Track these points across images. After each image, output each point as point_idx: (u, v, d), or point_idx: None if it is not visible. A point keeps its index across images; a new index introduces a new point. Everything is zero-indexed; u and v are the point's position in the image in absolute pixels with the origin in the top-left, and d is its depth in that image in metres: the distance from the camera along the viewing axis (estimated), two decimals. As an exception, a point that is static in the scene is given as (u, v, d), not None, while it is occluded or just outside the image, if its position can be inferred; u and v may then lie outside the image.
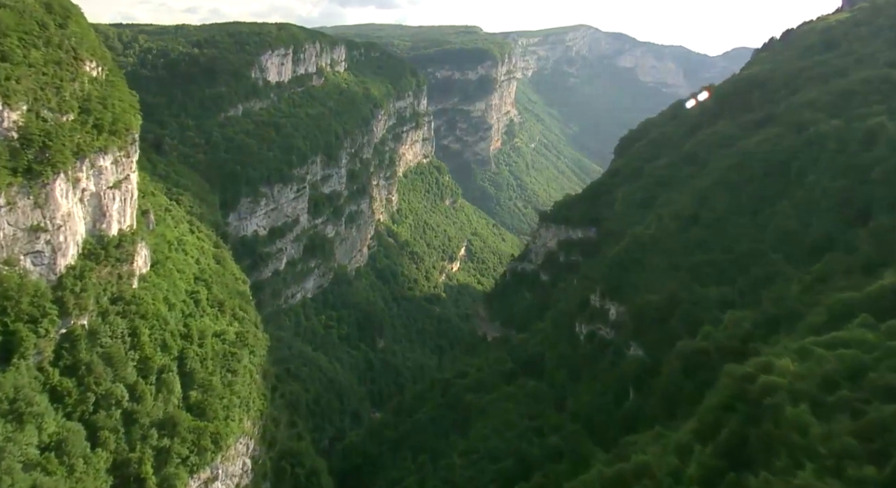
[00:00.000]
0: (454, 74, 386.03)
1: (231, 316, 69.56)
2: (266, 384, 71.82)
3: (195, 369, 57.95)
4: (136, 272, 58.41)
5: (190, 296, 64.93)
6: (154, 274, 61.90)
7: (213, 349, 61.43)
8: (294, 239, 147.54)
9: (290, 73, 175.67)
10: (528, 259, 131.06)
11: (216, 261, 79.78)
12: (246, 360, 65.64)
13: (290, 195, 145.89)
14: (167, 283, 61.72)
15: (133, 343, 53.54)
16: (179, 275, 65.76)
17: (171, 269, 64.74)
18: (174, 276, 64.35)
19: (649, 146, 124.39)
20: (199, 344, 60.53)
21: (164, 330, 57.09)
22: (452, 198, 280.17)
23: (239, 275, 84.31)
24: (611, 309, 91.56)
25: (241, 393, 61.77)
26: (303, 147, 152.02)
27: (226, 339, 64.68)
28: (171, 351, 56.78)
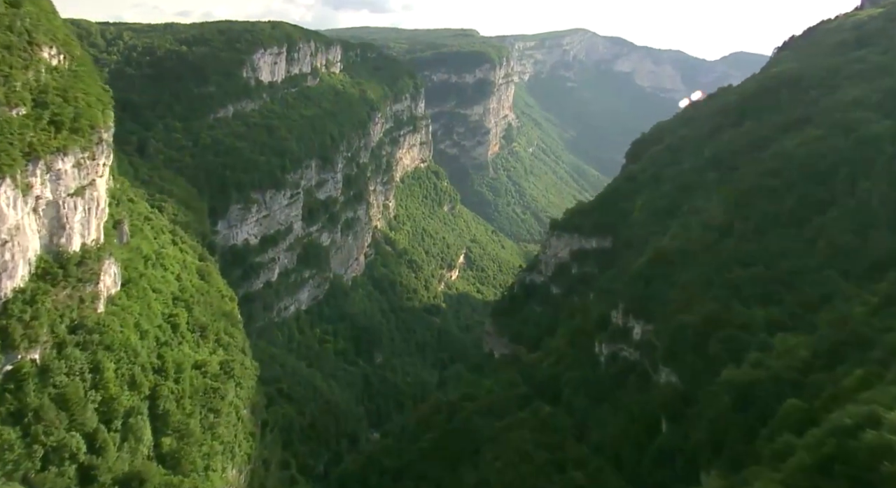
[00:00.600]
0: (451, 78, 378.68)
1: (215, 341, 61.11)
2: (255, 419, 63.31)
3: (170, 410, 49.46)
4: (102, 294, 50.01)
5: (167, 320, 56.48)
6: (125, 295, 53.46)
7: (191, 384, 53.00)
8: (287, 247, 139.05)
9: (284, 73, 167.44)
10: (538, 270, 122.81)
11: (200, 276, 71.34)
12: (231, 395, 57.23)
13: (284, 201, 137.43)
14: (140, 306, 53.28)
15: (95, 381, 45.11)
16: (155, 295, 57.32)
17: (145, 289, 56.30)
18: (149, 297, 55.89)
19: (667, 150, 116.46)
20: (176, 379, 52.02)
21: (133, 363, 48.61)
22: (451, 204, 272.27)
23: (226, 292, 75.77)
24: (635, 327, 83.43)
25: (224, 437, 53.36)
26: (297, 150, 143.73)
27: (208, 372, 56.20)
28: (141, 388, 48.30)
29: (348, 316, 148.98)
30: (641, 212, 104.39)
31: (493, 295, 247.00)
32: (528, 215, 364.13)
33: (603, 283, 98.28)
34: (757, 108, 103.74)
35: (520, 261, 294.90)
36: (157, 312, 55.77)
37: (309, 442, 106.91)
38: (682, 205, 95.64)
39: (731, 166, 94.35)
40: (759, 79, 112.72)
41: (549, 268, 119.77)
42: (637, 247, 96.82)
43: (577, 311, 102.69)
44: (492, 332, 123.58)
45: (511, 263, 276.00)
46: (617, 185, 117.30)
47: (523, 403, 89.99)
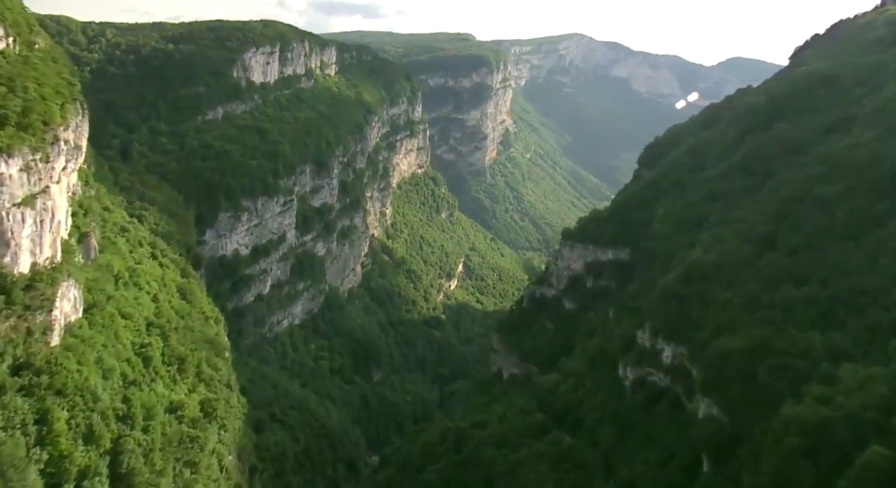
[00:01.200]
0: (448, 82, 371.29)
1: (195, 376, 52.57)
2: (243, 466, 54.70)
3: (135, 468, 40.62)
4: (56, 324, 41.59)
5: (138, 351, 47.99)
6: (87, 323, 44.98)
7: (164, 433, 44.39)
8: (280, 258, 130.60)
9: (277, 74, 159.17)
10: (549, 283, 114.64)
11: (181, 295, 62.93)
12: (213, 442, 48.71)
13: (276, 209, 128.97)
14: (105, 336, 44.81)
15: (41, 434, 36.53)
16: (125, 322, 48.88)
17: (113, 315, 47.84)
18: (116, 325, 47.41)
19: (688, 155, 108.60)
20: (145, 427, 43.33)
21: (91, 410, 39.93)
22: (449, 211, 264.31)
23: (210, 313, 67.25)
24: (665, 350, 75.21)
25: (203, 497, 44.74)
26: (290, 155, 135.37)
27: (184, 416, 47.55)
28: (100, 442, 39.64)
29: (345, 330, 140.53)
30: (664, 221, 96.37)
31: (493, 305, 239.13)
32: (527, 222, 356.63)
33: (624, 299, 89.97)
34: (789, 108, 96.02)
35: (520, 270, 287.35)
36: (126, 343, 47.22)
37: (303, 471, 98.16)
38: (711, 214, 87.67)
39: (765, 172, 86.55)
40: (790, 78, 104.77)
41: (562, 281, 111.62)
42: (661, 260, 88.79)
43: (596, 329, 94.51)
44: (500, 350, 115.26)
45: (511, 272, 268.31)
46: (634, 192, 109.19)
47: (540, 433, 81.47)
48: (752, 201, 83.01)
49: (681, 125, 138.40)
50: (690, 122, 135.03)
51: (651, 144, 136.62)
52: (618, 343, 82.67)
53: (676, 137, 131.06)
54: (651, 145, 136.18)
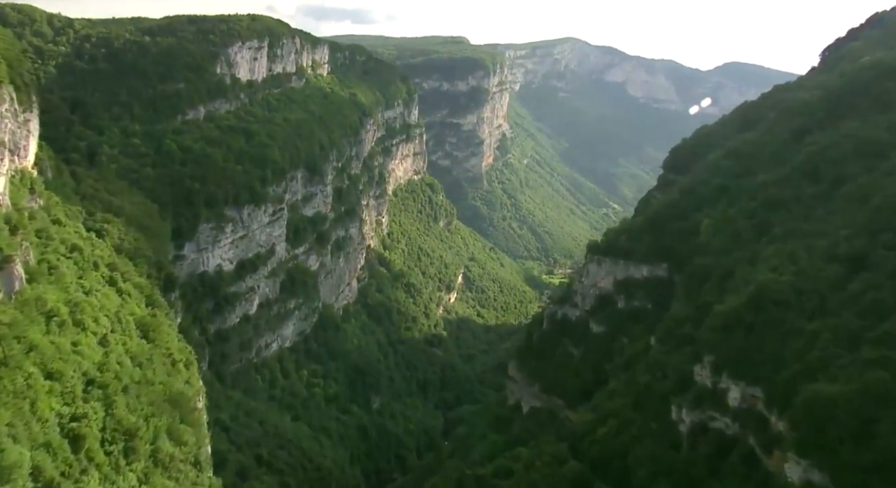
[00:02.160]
0: (443, 85, 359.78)
1: (148, 458, 38.86)
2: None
3: None
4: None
5: (65, 429, 34.38)
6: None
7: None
8: (269, 274, 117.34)
9: (265, 71, 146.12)
10: (572, 302, 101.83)
11: (143, 332, 49.63)
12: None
13: (264, 219, 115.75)
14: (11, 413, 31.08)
15: None
16: (50, 384, 35.44)
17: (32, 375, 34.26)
18: (36, 390, 33.70)
19: (732, 158, 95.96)
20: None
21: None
22: (447, 219, 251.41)
23: (180, 354, 53.70)
24: (731, 390, 62.54)
25: None
26: (280, 160, 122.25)
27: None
28: None
29: (340, 353, 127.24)
30: (713, 233, 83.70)
31: (494, 319, 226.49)
32: (526, 230, 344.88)
33: (669, 325, 77.00)
34: (854, 105, 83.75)
35: (521, 281, 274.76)
36: (48, 418, 33.73)
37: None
38: (774, 225, 75.13)
39: (836, 177, 74.18)
40: (855, 71, 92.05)
41: (588, 301, 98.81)
42: (714, 279, 76.11)
43: (635, 360, 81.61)
44: (517, 378, 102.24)
45: (512, 284, 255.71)
46: (670, 201, 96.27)
47: (578, 486, 68.70)
48: (826, 211, 70.64)
49: (710, 126, 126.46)
50: (722, 123, 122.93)
51: (678, 147, 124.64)
52: (669, 378, 69.98)
53: (707, 139, 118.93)
54: (678, 148, 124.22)
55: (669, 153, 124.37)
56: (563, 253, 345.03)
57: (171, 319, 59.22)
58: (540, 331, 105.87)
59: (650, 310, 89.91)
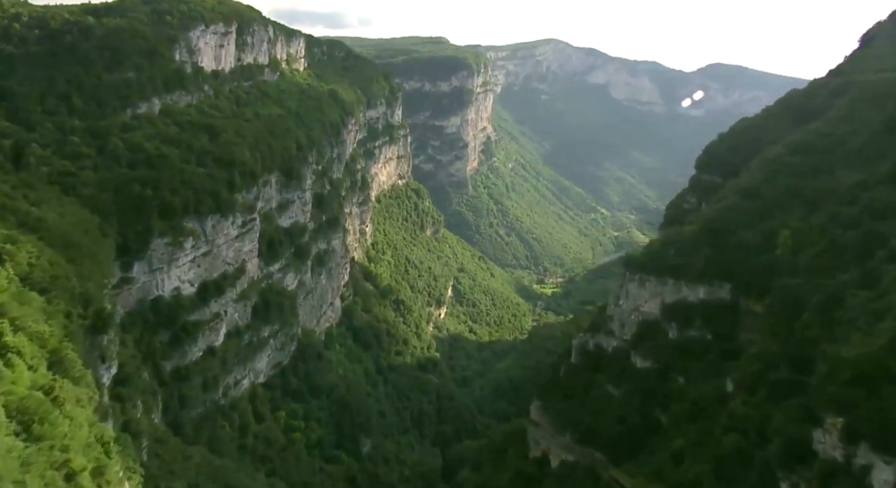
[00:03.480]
0: (425, 86, 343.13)
1: None
2: None
3: None
4: None
5: None
6: None
7: None
8: (238, 296, 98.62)
9: (234, 60, 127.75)
10: (608, 329, 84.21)
11: (23, 426, 30.71)
12: None
13: (232, 231, 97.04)
14: None
15: None
16: None
17: None
18: None
19: (800, 154, 79.08)
20: None
21: None
22: (434, 227, 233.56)
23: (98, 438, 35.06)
24: (875, 467, 45.07)
25: None
26: (250, 161, 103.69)
27: None
28: None
29: (324, 387, 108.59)
30: (794, 247, 66.56)
31: (487, 334, 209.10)
32: (513, 237, 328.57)
33: (756, 368, 59.55)
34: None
35: (513, 293, 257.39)
36: None
37: None
38: (889, 238, 58.03)
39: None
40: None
41: (628, 329, 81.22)
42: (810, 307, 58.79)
43: (705, 408, 64.07)
44: (542, 423, 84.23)
45: (505, 296, 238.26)
46: (729, 205, 78.81)
47: None
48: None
49: (750, 119, 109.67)
50: (767, 115, 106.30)
51: (715, 145, 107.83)
52: (770, 442, 52.53)
53: (750, 134, 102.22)
54: (715, 146, 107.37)
55: (703, 152, 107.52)
56: (553, 260, 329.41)
57: (87, 386, 40.61)
58: (568, 366, 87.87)
59: (710, 341, 72.59)
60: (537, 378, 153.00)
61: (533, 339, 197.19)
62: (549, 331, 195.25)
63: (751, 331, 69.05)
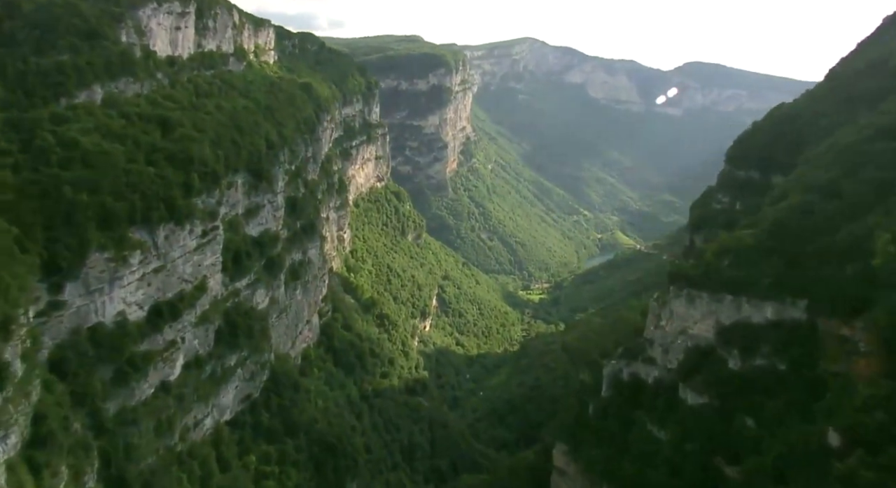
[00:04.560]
0: (401, 84, 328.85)
1: None
2: None
3: None
4: None
5: None
6: None
7: None
8: (198, 319, 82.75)
9: (193, 47, 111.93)
10: (646, 356, 69.83)
11: None
12: None
13: (190, 243, 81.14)
14: None
15: None
16: None
17: None
18: None
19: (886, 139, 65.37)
20: None
21: None
22: (416, 233, 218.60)
23: None
24: None
25: None
26: (212, 160, 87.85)
27: None
28: None
29: (301, 422, 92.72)
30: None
31: (476, 347, 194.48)
32: (496, 241, 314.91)
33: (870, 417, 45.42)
34: None
35: (501, 301, 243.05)
36: None
37: None
38: None
39: None
40: None
41: (674, 355, 66.91)
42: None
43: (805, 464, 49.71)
44: (570, 473, 69.46)
45: (492, 304, 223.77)
46: (800, 204, 64.69)
47: None
48: None
49: (789, 105, 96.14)
50: (809, 99, 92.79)
51: (747, 135, 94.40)
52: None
53: (793, 120, 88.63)
54: (748, 136, 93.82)
55: (736, 143, 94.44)
56: (538, 265, 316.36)
57: None
58: (597, 400, 73.21)
59: (784, 374, 58.36)
60: (538, 398, 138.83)
61: (527, 351, 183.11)
62: (543, 344, 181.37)
63: (836, 360, 55.06)
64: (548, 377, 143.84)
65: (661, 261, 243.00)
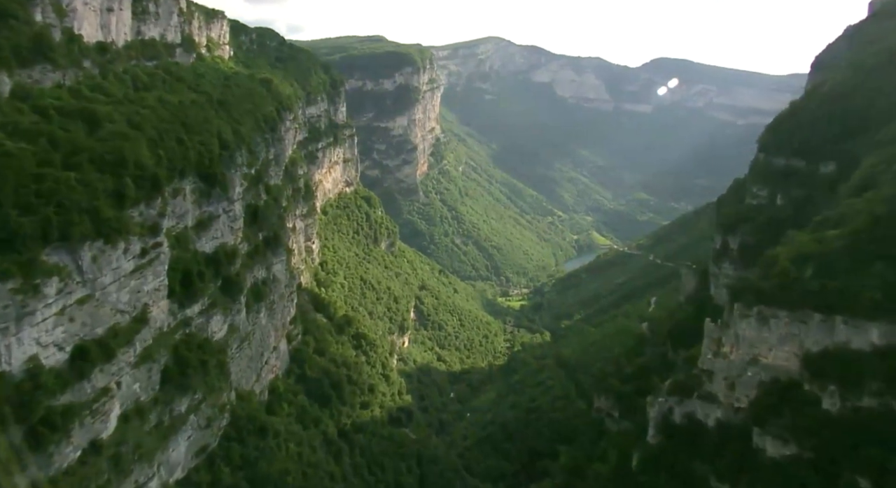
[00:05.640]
0: (366, 85, 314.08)
1: None
2: None
3: None
4: None
5: None
6: None
7: None
8: (138, 359, 66.93)
9: (131, 33, 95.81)
10: (705, 392, 55.53)
11: None
12: None
13: (126, 264, 65.25)
14: None
15: None
16: None
17: None
18: None
19: None
20: None
21: None
22: (389, 240, 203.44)
23: None
24: None
25: None
26: (151, 162, 71.99)
27: None
28: None
29: (270, 477, 77.10)
30: None
31: (458, 362, 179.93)
32: (471, 246, 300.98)
33: None
34: None
35: (481, 310, 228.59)
36: None
37: None
38: None
39: None
40: None
41: (742, 392, 52.88)
42: None
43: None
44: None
45: (473, 315, 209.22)
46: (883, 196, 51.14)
47: None
48: None
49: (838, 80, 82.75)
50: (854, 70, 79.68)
51: (784, 118, 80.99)
52: None
53: (842, 99, 75.38)
54: (785, 119, 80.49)
55: (769, 130, 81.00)
56: (515, 270, 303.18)
57: None
58: (644, 448, 58.83)
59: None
60: (536, 422, 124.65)
61: (514, 366, 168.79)
62: (532, 357, 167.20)
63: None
64: (545, 397, 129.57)
65: (647, 263, 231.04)
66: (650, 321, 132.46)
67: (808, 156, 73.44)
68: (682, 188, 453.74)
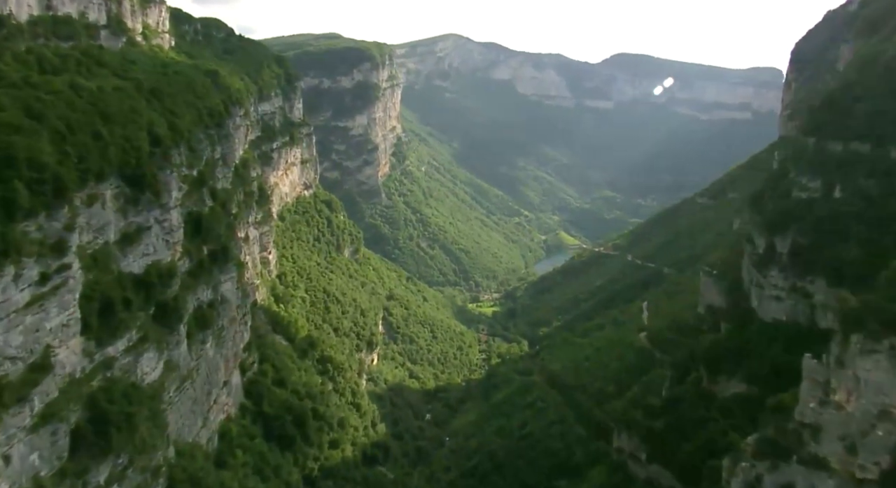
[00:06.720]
0: (323, 82, 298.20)
1: None
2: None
3: None
4: None
5: None
6: None
7: None
8: (37, 420, 50.47)
9: (38, 6, 78.99)
10: (809, 455, 41.06)
11: None
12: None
13: (17, 296, 48.92)
14: None
15: None
16: None
17: None
18: None
19: None
20: None
21: None
22: (353, 246, 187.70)
23: None
24: None
25: None
26: (53, 161, 55.45)
27: None
28: None
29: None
30: None
31: (432, 378, 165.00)
32: (437, 250, 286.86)
33: None
34: None
35: (453, 319, 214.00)
36: None
37: None
38: None
39: None
40: None
41: (868, 456, 38.51)
42: None
43: None
44: None
45: (446, 325, 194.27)
46: None
47: None
48: None
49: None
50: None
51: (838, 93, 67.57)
52: None
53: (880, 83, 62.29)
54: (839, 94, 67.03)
55: (823, 106, 67.20)
56: (484, 274, 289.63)
57: None
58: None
59: None
60: (529, 451, 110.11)
61: (495, 382, 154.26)
62: (513, 371, 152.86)
63: None
64: (538, 422, 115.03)
65: (626, 263, 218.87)
66: (649, 332, 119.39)
67: (875, 139, 60.38)
68: (647, 185, 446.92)
